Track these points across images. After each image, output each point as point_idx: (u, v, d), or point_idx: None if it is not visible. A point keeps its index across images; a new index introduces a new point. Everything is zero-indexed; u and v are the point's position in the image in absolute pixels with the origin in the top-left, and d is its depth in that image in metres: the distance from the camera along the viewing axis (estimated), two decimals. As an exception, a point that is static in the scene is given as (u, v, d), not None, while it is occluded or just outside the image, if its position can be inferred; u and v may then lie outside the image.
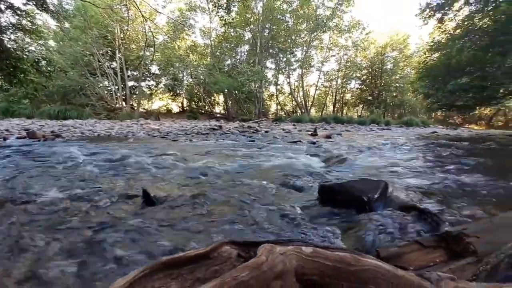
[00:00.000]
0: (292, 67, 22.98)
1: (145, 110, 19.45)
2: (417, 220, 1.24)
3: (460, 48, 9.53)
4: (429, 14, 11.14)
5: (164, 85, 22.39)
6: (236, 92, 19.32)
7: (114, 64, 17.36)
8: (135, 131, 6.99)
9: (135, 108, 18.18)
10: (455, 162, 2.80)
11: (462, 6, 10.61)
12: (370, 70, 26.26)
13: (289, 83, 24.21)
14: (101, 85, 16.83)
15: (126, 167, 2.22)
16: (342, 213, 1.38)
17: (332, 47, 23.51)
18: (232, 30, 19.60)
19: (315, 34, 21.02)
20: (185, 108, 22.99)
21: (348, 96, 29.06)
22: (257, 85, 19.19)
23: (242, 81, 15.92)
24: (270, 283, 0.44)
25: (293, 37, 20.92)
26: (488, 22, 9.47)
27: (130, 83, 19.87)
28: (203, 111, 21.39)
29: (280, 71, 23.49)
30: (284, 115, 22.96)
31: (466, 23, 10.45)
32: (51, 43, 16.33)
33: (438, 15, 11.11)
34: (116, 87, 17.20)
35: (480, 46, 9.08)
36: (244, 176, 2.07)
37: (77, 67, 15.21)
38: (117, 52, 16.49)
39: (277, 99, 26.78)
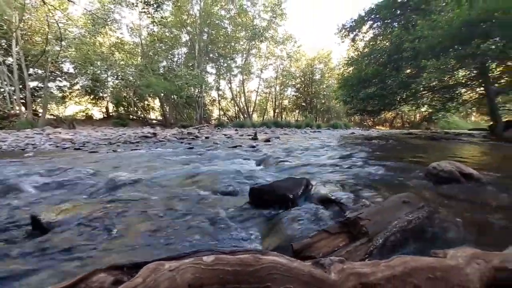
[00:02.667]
0: (233, 73, 23.38)
1: (54, 117, 15.71)
2: (331, 210, 1.39)
3: (367, 63, 11.65)
4: (344, 34, 13.22)
5: (81, 86, 18.53)
6: (174, 96, 18.21)
7: (10, 59, 13.81)
8: (38, 143, 5.63)
9: (40, 115, 14.79)
10: (365, 157, 3.34)
11: (368, 30, 13.02)
12: (303, 79, 29.19)
13: (230, 88, 24.49)
14: (-13, 85, 13.08)
15: (14, 190, 1.73)
16: (270, 213, 1.42)
17: (269, 56, 25.17)
18: (167, 30, 18.46)
19: (253, 42, 22.03)
20: (110, 114, 19.83)
21: (286, 102, 31.42)
22: (197, 90, 18.57)
23: (180, 85, 15.05)
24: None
25: (232, 44, 21.34)
26: (386, 44, 11.91)
27: (33, 84, 16.10)
28: (134, 117, 18.92)
29: (221, 76, 23.53)
30: (227, 121, 22.99)
31: (371, 43, 12.86)
32: None
33: (351, 35, 13.30)
34: (12, 87, 13.63)
35: (381, 63, 11.31)
36: (174, 186, 1.92)
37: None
38: (13, 44, 13.16)
39: (219, 104, 26.64)
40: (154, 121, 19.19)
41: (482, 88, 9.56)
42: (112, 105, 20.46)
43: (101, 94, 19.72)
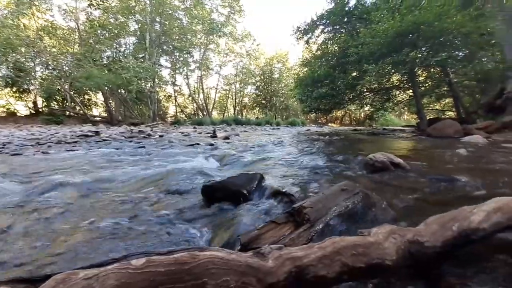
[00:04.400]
0: (190, 68, 22.39)
1: (-36, 114, 12.91)
2: (283, 202, 1.46)
3: (320, 65, 12.50)
4: (299, 36, 13.89)
5: (0, 77, 15.48)
6: (122, 90, 16.49)
7: None
8: None
9: None
10: (316, 151, 3.59)
11: (320, 34, 13.94)
12: (262, 77, 29.78)
13: (188, 84, 23.44)
14: None
15: None
16: (222, 209, 1.41)
17: (228, 53, 24.89)
18: (110, 16, 16.48)
19: (211, 37, 21.42)
20: (40, 110, 17.08)
21: (246, 99, 31.64)
22: (149, 84, 17.17)
23: (127, 78, 13.62)
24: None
25: (189, 37, 20.34)
26: (336, 48, 12.95)
27: None
28: (71, 114, 16.60)
29: (177, 71, 22.30)
30: (185, 118, 22.00)
31: (322, 46, 13.82)
32: None
33: (306, 38, 14.06)
34: None
35: (331, 65, 12.28)
36: (117, 189, 1.74)
37: None
38: None
39: (175, 100, 25.27)
40: (97, 118, 17.06)
41: (411, 91, 11.21)
42: (42, 100, 17.42)
43: (26, 86, 16.57)
